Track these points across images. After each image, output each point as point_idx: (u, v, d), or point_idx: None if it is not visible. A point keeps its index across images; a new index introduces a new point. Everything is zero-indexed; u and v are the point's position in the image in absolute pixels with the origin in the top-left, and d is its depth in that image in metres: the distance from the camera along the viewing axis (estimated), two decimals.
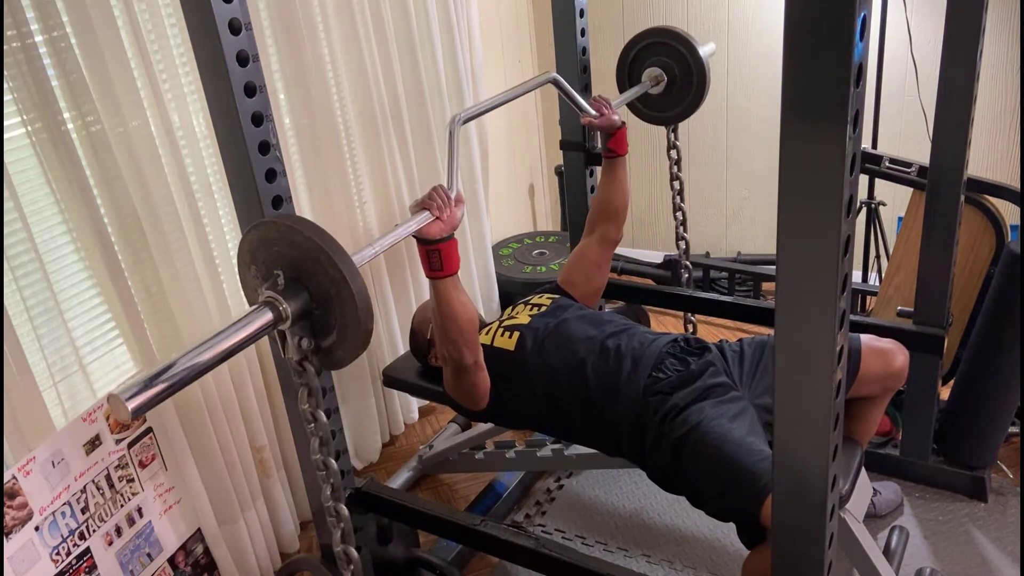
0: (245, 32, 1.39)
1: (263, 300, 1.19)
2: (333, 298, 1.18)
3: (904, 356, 1.82)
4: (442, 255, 1.56)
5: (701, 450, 1.62)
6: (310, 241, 1.16)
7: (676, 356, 1.80)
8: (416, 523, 2.00)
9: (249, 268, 1.24)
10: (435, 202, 1.53)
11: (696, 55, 2.23)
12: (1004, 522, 2.20)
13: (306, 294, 1.20)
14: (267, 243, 1.21)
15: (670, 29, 2.25)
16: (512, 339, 1.88)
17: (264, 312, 1.18)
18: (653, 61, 2.27)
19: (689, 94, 2.29)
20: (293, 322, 1.19)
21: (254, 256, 1.22)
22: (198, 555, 2.06)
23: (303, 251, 1.17)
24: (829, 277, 0.97)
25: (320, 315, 1.21)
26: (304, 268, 1.19)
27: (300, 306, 1.20)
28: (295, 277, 1.20)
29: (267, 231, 1.20)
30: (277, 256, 1.20)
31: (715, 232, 3.70)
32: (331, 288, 1.17)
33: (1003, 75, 2.90)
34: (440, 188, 1.56)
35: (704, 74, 2.25)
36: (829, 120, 0.90)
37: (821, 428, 1.07)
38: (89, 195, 1.74)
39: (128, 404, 1.03)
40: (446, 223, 1.54)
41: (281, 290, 1.19)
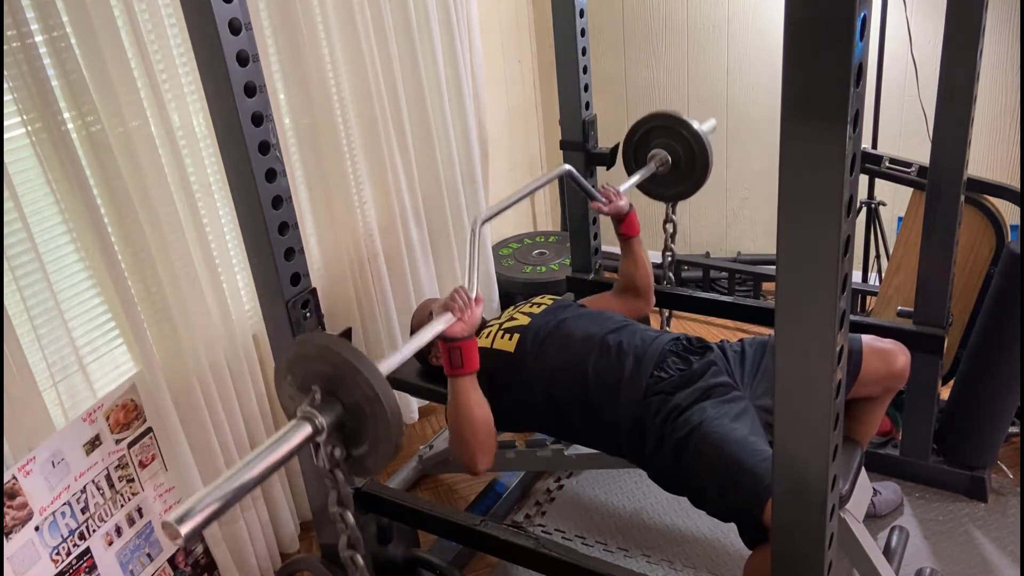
0: (245, 32, 1.39)
1: (302, 415, 1.25)
2: (367, 413, 1.25)
3: (905, 357, 1.82)
4: (463, 353, 1.64)
5: (703, 450, 1.62)
6: (346, 362, 1.23)
7: (678, 355, 1.80)
8: (416, 523, 2.00)
9: (285, 377, 1.31)
10: (457, 304, 1.61)
11: (699, 139, 2.30)
12: (1004, 522, 2.20)
13: (340, 407, 1.26)
14: (304, 359, 1.28)
15: (673, 115, 2.32)
16: (512, 341, 1.88)
17: (304, 426, 1.24)
18: (658, 143, 2.34)
19: (693, 175, 2.36)
20: (328, 435, 1.26)
21: (291, 368, 1.30)
22: (198, 555, 2.06)
23: (338, 368, 1.24)
24: (829, 277, 0.97)
25: (353, 426, 1.28)
26: (339, 383, 1.26)
27: (334, 419, 1.26)
28: (329, 391, 1.27)
29: (305, 349, 1.28)
30: (313, 371, 1.27)
31: (715, 232, 3.70)
32: (365, 405, 1.24)
33: (1003, 75, 2.90)
34: (462, 290, 1.64)
35: (707, 157, 2.31)
36: (829, 120, 0.90)
37: (821, 428, 1.07)
38: (89, 195, 1.74)
39: (181, 529, 1.06)
40: (467, 323, 1.62)
41: (317, 405, 1.25)
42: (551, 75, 2.53)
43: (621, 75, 3.60)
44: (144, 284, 1.90)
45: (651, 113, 2.35)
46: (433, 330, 1.56)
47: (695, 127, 2.28)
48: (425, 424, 2.95)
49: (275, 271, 1.55)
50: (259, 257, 1.56)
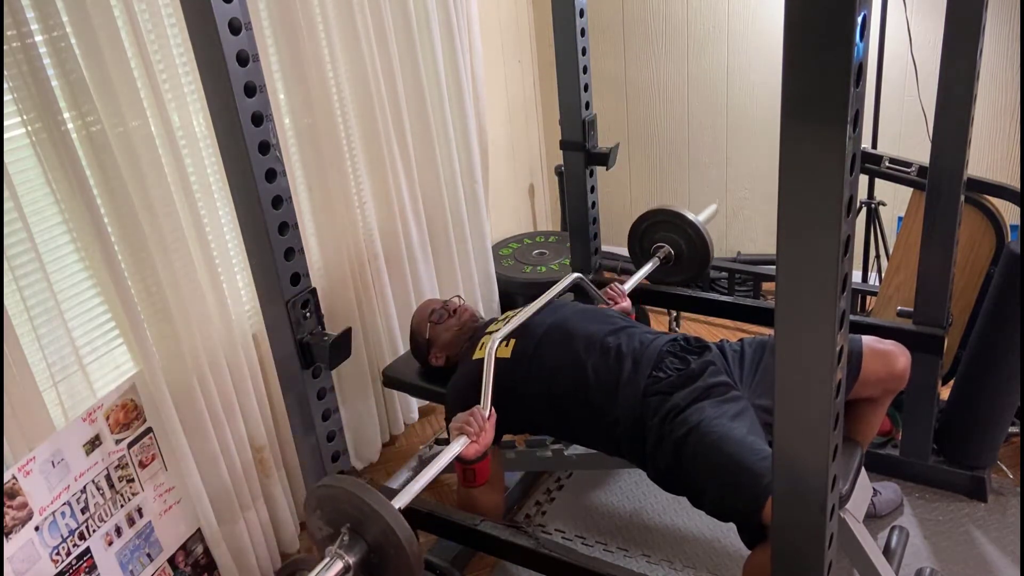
0: (245, 32, 1.39)
1: (333, 555, 1.36)
2: (391, 556, 1.35)
3: (906, 358, 1.82)
4: (476, 474, 1.72)
5: (702, 450, 1.62)
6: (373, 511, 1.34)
7: (676, 355, 1.80)
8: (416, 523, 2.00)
9: (315, 512, 1.43)
10: (472, 428, 1.68)
11: (699, 232, 2.40)
12: (1004, 522, 2.20)
13: (365, 545, 1.37)
14: (333, 500, 1.39)
15: (669, 210, 2.43)
16: (508, 347, 1.88)
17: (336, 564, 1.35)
18: (661, 236, 2.46)
19: (695, 265, 2.45)
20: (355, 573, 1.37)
21: (320, 505, 1.41)
22: (198, 555, 2.06)
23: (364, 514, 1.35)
24: (829, 277, 0.97)
25: (376, 562, 1.38)
26: (364, 525, 1.37)
27: (360, 558, 1.37)
28: (356, 530, 1.38)
29: (334, 491, 1.38)
30: (341, 511, 1.38)
31: (715, 232, 3.69)
32: (389, 548, 1.35)
33: (1003, 75, 2.90)
34: (478, 413, 1.69)
35: (707, 249, 2.41)
36: (829, 120, 0.90)
37: (821, 428, 1.07)
38: (89, 195, 1.74)
39: None
40: (481, 445, 1.68)
41: (345, 546, 1.37)
42: (551, 75, 2.54)
43: (621, 75, 3.60)
44: (144, 284, 1.90)
45: (653, 209, 2.46)
46: (450, 454, 1.64)
47: (692, 219, 2.40)
48: (425, 424, 2.95)
49: (275, 271, 1.55)
50: (259, 257, 1.56)
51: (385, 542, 1.34)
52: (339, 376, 2.54)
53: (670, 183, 3.69)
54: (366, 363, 2.62)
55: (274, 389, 2.21)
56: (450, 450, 1.65)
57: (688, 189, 3.65)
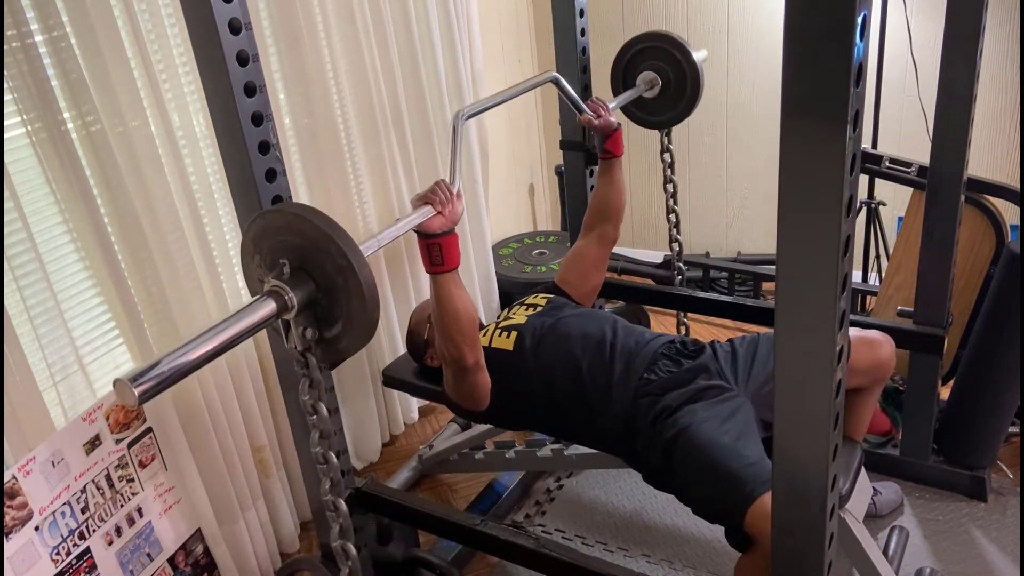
0: (245, 32, 1.39)
1: (268, 289, 1.18)
2: (339, 287, 1.17)
3: (890, 346, 1.84)
4: (443, 249, 1.56)
5: (689, 453, 1.62)
6: (317, 229, 1.14)
7: (670, 357, 1.80)
8: (416, 523, 2.00)
9: (253, 258, 1.23)
10: (437, 197, 1.54)
11: (690, 59, 2.25)
12: (1004, 522, 2.20)
13: (311, 283, 1.18)
14: (272, 232, 1.19)
15: (664, 34, 2.26)
16: (510, 339, 1.88)
17: (268, 301, 1.17)
18: (647, 65, 2.29)
19: (683, 99, 2.31)
20: (298, 312, 1.18)
21: (258, 245, 1.21)
22: (198, 555, 2.06)
23: (310, 239, 1.16)
24: (829, 277, 0.97)
25: (325, 305, 1.19)
26: (310, 257, 1.17)
27: (305, 295, 1.18)
28: (300, 267, 1.19)
29: (273, 219, 1.19)
30: (282, 245, 1.19)
31: (715, 232, 3.70)
32: (338, 277, 1.16)
33: (1003, 75, 2.90)
34: (442, 183, 1.57)
35: (698, 79, 2.27)
36: (829, 120, 0.90)
37: (821, 428, 1.07)
38: (89, 195, 1.74)
39: (135, 389, 1.02)
40: (447, 217, 1.55)
41: (286, 279, 1.18)
42: None
43: None
44: (144, 284, 1.90)
45: (643, 33, 2.28)
46: (410, 221, 1.48)
47: (683, 44, 2.22)
48: (425, 424, 2.95)
49: None
50: None
51: (335, 272, 1.15)
52: (339, 376, 2.54)
53: None
54: (366, 363, 2.62)
55: (274, 389, 2.21)
56: (410, 218, 1.47)
57: (688, 189, 3.65)
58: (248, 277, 1.29)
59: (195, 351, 1.10)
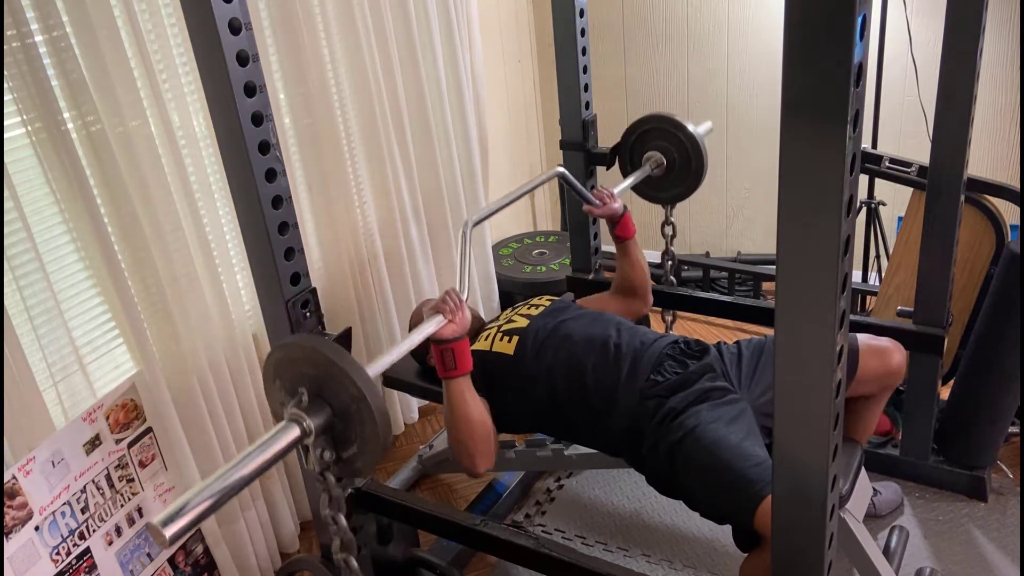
0: (245, 32, 1.39)
1: (289, 417, 1.25)
2: (354, 414, 1.24)
3: (902, 354, 1.82)
4: (455, 354, 1.63)
5: (696, 455, 1.62)
6: (331, 363, 1.22)
7: (675, 358, 1.79)
8: (416, 523, 1.99)
9: (274, 382, 1.31)
10: (448, 306, 1.61)
11: (694, 142, 2.28)
12: (1004, 522, 2.20)
13: (328, 410, 1.26)
14: (291, 362, 1.27)
15: (669, 117, 2.31)
16: (511, 343, 1.88)
17: (291, 429, 1.24)
18: (653, 145, 2.33)
19: (688, 176, 2.34)
20: (316, 437, 1.25)
21: (279, 372, 1.29)
22: (198, 555, 2.06)
23: (324, 370, 1.24)
24: (829, 277, 0.97)
25: (342, 428, 1.27)
26: (326, 385, 1.25)
27: (323, 421, 1.26)
28: (318, 393, 1.26)
29: (291, 351, 1.27)
30: (300, 374, 1.26)
31: (715, 232, 3.70)
32: (352, 405, 1.24)
33: (1003, 75, 2.90)
34: (453, 292, 1.64)
35: (702, 160, 2.30)
36: (829, 120, 0.90)
37: (821, 428, 1.07)
38: (89, 195, 1.74)
39: (165, 531, 1.06)
40: (458, 325, 1.62)
41: (305, 407, 1.25)
42: (551, 75, 2.53)
43: (621, 75, 3.60)
44: (144, 284, 1.90)
45: (647, 115, 2.34)
46: (424, 332, 1.56)
47: (690, 130, 2.27)
48: (425, 424, 2.95)
49: (275, 271, 1.55)
50: (259, 257, 1.56)
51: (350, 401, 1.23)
52: None
53: None
54: (366, 363, 2.62)
55: None
56: (424, 328, 1.56)
57: None
58: (269, 397, 1.37)
59: (222, 485, 1.14)
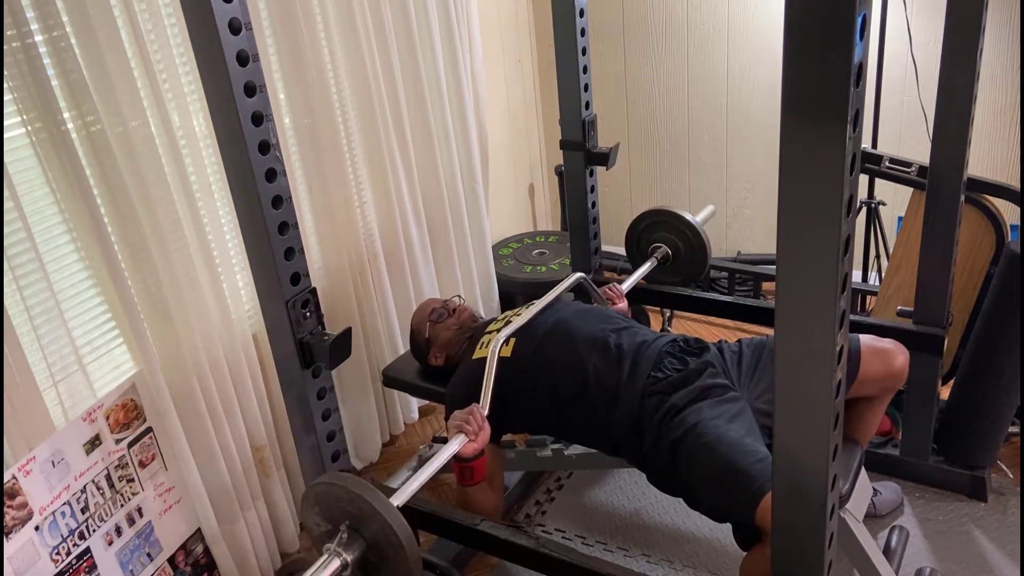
0: (245, 32, 1.39)
1: (331, 553, 1.35)
2: (390, 554, 1.34)
3: (904, 356, 1.82)
4: (474, 472, 1.71)
5: (697, 451, 1.62)
6: (375, 511, 1.32)
7: (675, 356, 1.80)
8: (416, 523, 2.00)
9: (312, 508, 1.41)
10: (471, 427, 1.66)
11: (696, 233, 2.39)
12: (1004, 522, 2.20)
13: (363, 543, 1.36)
14: (331, 497, 1.37)
15: (667, 210, 2.43)
16: (509, 346, 1.88)
17: (333, 562, 1.34)
18: (658, 236, 2.45)
19: (693, 264, 2.45)
20: (352, 570, 1.36)
21: (319, 502, 1.40)
22: (198, 555, 2.06)
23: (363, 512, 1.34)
24: (829, 277, 0.97)
25: (373, 559, 1.37)
26: (364, 524, 1.35)
27: (359, 556, 1.36)
28: (355, 528, 1.37)
29: (333, 489, 1.37)
30: (340, 508, 1.37)
31: (715, 232, 3.70)
32: (387, 547, 1.34)
33: (1003, 75, 2.90)
34: (476, 411, 1.68)
35: (704, 246, 2.40)
36: (829, 120, 0.90)
37: (821, 428, 1.07)
38: (89, 195, 1.74)
39: None
40: (479, 443, 1.67)
41: (344, 543, 1.35)
42: (551, 75, 2.54)
43: (621, 75, 3.60)
44: (144, 284, 1.90)
45: (650, 209, 2.46)
46: (448, 452, 1.64)
47: (689, 220, 2.39)
48: (425, 424, 2.95)
49: (275, 271, 1.55)
50: (259, 257, 1.56)
51: (384, 541, 1.34)
52: (339, 376, 2.53)
53: (670, 183, 3.69)
54: (366, 363, 2.62)
55: (274, 389, 2.21)
56: (448, 449, 1.65)
57: (688, 189, 3.65)
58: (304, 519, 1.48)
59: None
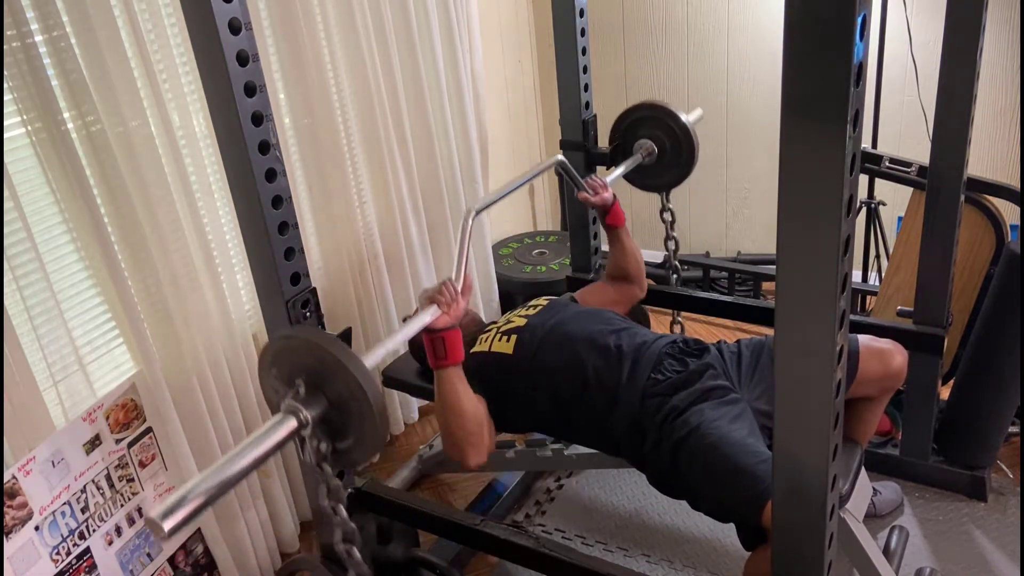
0: (245, 32, 1.39)
1: (286, 409, 1.24)
2: (352, 410, 1.24)
3: (903, 356, 1.82)
4: (446, 344, 1.62)
5: (700, 452, 1.62)
6: (331, 356, 1.21)
7: (675, 357, 1.80)
8: (416, 523, 2.00)
9: (270, 370, 1.31)
10: (444, 297, 1.60)
11: (684, 128, 2.31)
12: (1004, 522, 2.20)
13: (324, 400, 1.26)
14: (289, 352, 1.27)
15: (657, 104, 2.33)
16: (510, 343, 1.88)
17: (288, 420, 1.24)
18: (643, 134, 2.36)
19: (679, 163, 2.37)
20: (313, 429, 1.25)
21: (276, 361, 1.29)
22: (198, 555, 2.06)
23: (324, 363, 1.23)
24: (829, 277, 0.97)
25: (338, 420, 1.27)
26: (323, 377, 1.24)
27: (319, 413, 1.26)
28: (315, 384, 1.26)
29: (290, 342, 1.27)
30: (298, 364, 1.26)
31: (715, 232, 3.70)
32: (350, 399, 1.23)
33: (1003, 75, 2.90)
34: (449, 283, 1.63)
35: (692, 145, 2.32)
36: (829, 120, 0.90)
37: (821, 428, 1.07)
38: (89, 195, 1.74)
39: (164, 524, 1.05)
40: (451, 316, 1.61)
41: (302, 398, 1.25)
42: (551, 75, 2.54)
43: (621, 75, 3.59)
44: (144, 284, 1.90)
45: (636, 104, 2.35)
46: (419, 322, 1.56)
47: (681, 117, 2.28)
48: (425, 424, 2.95)
49: (275, 271, 1.55)
50: (259, 257, 1.56)
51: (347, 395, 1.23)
52: None
53: None
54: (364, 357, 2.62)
55: None
56: (419, 318, 1.56)
57: (688, 188, 3.64)
58: (263, 384, 1.37)
59: (219, 477, 1.13)
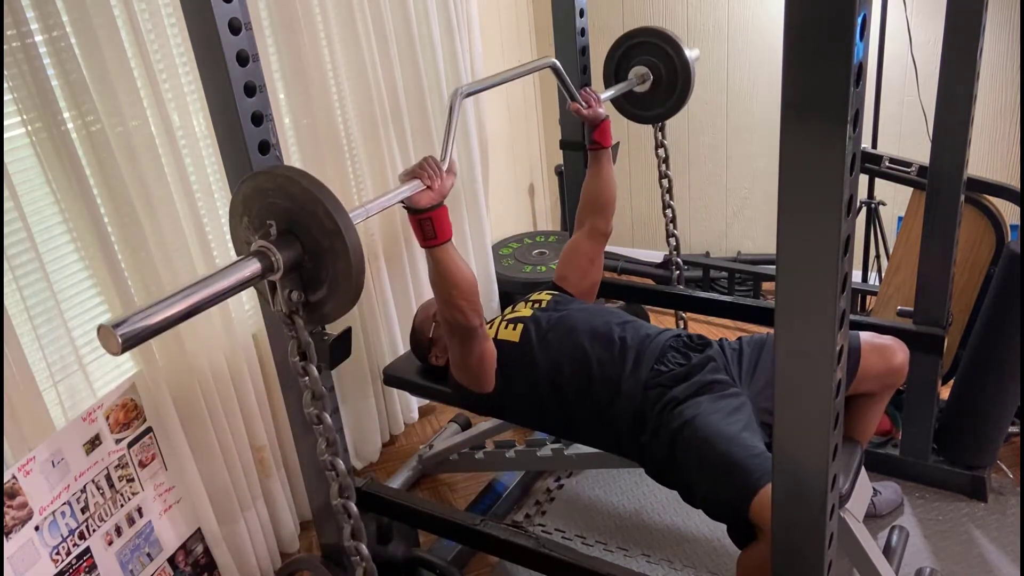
0: (245, 32, 1.39)
1: (254, 249, 1.18)
2: (326, 251, 1.17)
3: (904, 353, 1.82)
4: (434, 223, 1.56)
5: (695, 443, 1.62)
6: (307, 192, 1.15)
7: (679, 350, 1.81)
8: (416, 523, 2.00)
9: (241, 220, 1.23)
10: (425, 172, 1.54)
11: (682, 56, 2.27)
12: (1004, 522, 2.20)
13: (298, 245, 1.19)
14: (262, 193, 1.20)
15: (658, 29, 2.29)
16: (516, 331, 1.89)
17: (254, 261, 1.18)
18: (640, 60, 2.31)
19: (673, 95, 2.33)
20: (284, 273, 1.19)
21: (247, 207, 1.21)
22: (198, 555, 2.06)
23: (298, 202, 1.16)
24: (829, 277, 0.97)
25: (311, 268, 1.20)
26: (298, 220, 1.18)
27: (292, 257, 1.19)
28: (288, 229, 1.19)
29: (263, 181, 1.19)
30: (271, 207, 1.19)
31: (715, 232, 3.70)
32: (324, 240, 1.16)
33: (1003, 75, 2.90)
34: (430, 158, 1.57)
35: (689, 76, 2.29)
36: (829, 120, 0.90)
37: (821, 428, 1.07)
38: (89, 195, 1.74)
39: (118, 335, 1.03)
40: (436, 192, 1.55)
41: (273, 240, 1.18)
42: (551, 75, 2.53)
43: None
44: (144, 284, 1.90)
45: (636, 28, 2.31)
46: (399, 194, 1.48)
47: (681, 47, 2.25)
48: (425, 424, 2.95)
49: None
50: None
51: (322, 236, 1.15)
52: (339, 376, 2.54)
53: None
54: (366, 363, 2.62)
55: (274, 389, 2.21)
56: (401, 190, 1.48)
57: (688, 189, 3.65)
58: (235, 239, 1.29)
59: (179, 304, 1.11)
